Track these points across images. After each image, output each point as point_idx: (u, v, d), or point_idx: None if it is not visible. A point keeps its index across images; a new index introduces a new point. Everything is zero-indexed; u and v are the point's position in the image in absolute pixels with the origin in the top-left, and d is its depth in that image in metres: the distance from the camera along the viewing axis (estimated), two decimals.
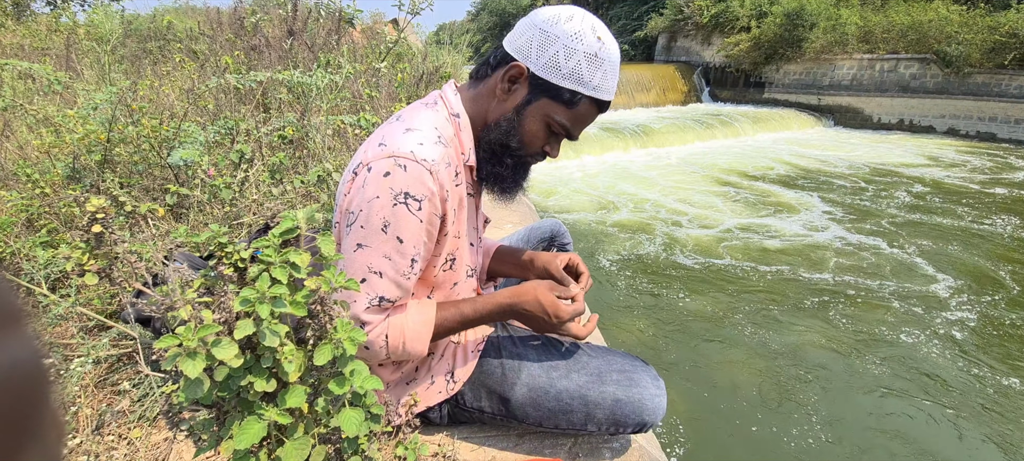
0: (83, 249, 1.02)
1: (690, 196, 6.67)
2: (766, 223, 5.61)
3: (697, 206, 6.24)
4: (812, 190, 7.00)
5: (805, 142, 10.65)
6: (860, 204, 6.32)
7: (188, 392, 0.65)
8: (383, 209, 0.84)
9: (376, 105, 3.01)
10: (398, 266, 0.87)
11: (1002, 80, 10.61)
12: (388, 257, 0.86)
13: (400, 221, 0.85)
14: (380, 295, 0.87)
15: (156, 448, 1.11)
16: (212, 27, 4.37)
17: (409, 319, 0.92)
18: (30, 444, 0.17)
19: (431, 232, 0.90)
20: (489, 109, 0.95)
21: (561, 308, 0.97)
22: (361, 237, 0.85)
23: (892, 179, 7.56)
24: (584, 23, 0.88)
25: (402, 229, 0.85)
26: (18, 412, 0.17)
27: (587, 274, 1.12)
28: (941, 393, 2.78)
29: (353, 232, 0.86)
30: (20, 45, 3.97)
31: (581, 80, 0.88)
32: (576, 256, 1.14)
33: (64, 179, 1.84)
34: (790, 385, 2.83)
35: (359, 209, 0.85)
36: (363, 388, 0.76)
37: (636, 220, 5.72)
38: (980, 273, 4.29)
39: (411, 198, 0.84)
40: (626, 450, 1.16)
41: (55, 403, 0.19)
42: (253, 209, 1.88)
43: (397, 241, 0.85)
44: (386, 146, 0.86)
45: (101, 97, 1.89)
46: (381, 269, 0.86)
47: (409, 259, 0.88)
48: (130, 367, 1.26)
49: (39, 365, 0.18)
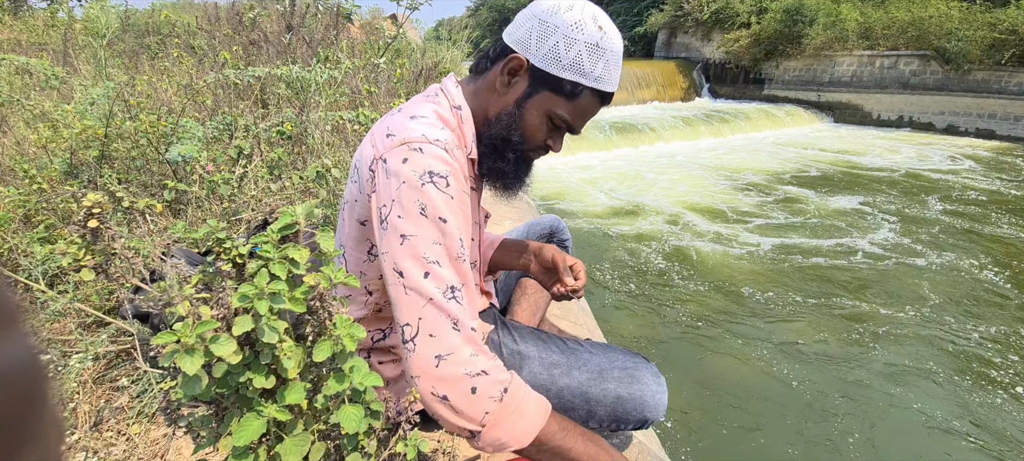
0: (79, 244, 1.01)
1: (690, 193, 6.67)
2: (767, 220, 5.61)
3: (697, 203, 6.24)
4: (813, 187, 7.00)
5: (805, 139, 10.65)
6: (864, 202, 6.32)
7: (186, 388, 0.65)
8: (413, 192, 0.78)
9: (375, 101, 3.00)
10: (450, 250, 0.79)
11: (1002, 77, 10.60)
12: (438, 243, 0.78)
13: (434, 200, 0.78)
14: (450, 284, 0.78)
15: (155, 444, 1.11)
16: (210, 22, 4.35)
17: (530, 395, 0.81)
18: (29, 444, 0.17)
19: (465, 211, 0.83)
20: (489, 103, 0.93)
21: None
22: (403, 228, 0.78)
23: (895, 177, 7.57)
24: (585, 12, 0.85)
25: (440, 208, 0.79)
26: (17, 412, 0.17)
27: (585, 279, 1.11)
28: (941, 392, 2.79)
29: (391, 227, 0.79)
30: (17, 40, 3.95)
31: (582, 71, 0.86)
32: (580, 263, 1.12)
33: (61, 175, 1.83)
34: (791, 382, 2.83)
35: (391, 199, 0.79)
36: (363, 385, 0.76)
37: (635, 217, 5.72)
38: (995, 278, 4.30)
39: (436, 176, 0.79)
40: (626, 446, 1.16)
41: (54, 402, 0.19)
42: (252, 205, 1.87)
43: (440, 222, 0.78)
44: (395, 136, 0.83)
45: (98, 92, 1.88)
46: (437, 257, 0.78)
47: (457, 240, 0.80)
48: (128, 363, 1.25)
49: (37, 365, 0.18)
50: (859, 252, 4.65)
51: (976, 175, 7.62)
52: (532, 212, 3.21)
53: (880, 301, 3.72)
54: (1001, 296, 3.83)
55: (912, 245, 4.83)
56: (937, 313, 3.56)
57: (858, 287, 3.95)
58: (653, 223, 5.50)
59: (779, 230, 5.27)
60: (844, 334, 3.28)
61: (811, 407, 2.63)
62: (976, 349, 3.15)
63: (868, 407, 2.64)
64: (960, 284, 4.02)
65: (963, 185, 7.07)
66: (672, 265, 4.41)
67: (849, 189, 6.87)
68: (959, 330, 3.36)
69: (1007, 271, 4.25)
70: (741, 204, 6.19)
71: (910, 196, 6.55)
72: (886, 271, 4.25)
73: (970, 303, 3.72)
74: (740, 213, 5.84)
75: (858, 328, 3.35)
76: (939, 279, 4.11)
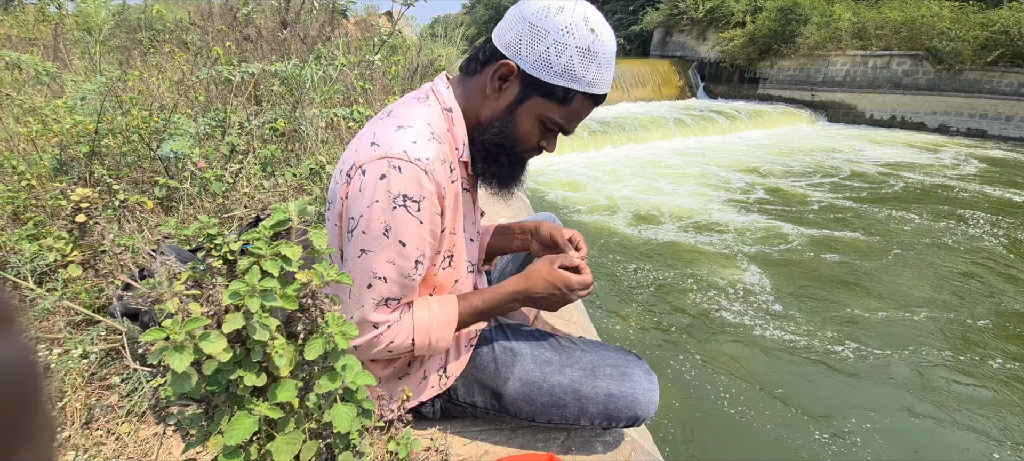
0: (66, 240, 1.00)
1: (682, 193, 6.69)
2: (761, 219, 5.64)
3: (690, 203, 6.26)
4: (809, 186, 7.04)
5: (798, 137, 10.70)
6: (859, 200, 6.36)
7: (176, 386, 0.64)
8: (383, 214, 0.83)
9: (370, 98, 2.98)
10: (402, 269, 0.87)
11: (993, 77, 10.69)
12: (392, 262, 0.86)
13: (400, 224, 0.84)
14: (386, 297, 0.88)
15: (144, 443, 1.10)
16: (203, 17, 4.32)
17: (433, 317, 0.94)
18: (23, 445, 0.17)
19: (434, 231, 0.89)
20: (481, 106, 0.92)
21: (569, 279, 0.97)
22: (363, 243, 0.85)
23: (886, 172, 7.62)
24: (576, 14, 0.83)
25: (404, 232, 0.85)
26: (11, 412, 0.17)
27: (586, 250, 1.12)
28: (939, 393, 2.81)
29: (355, 239, 0.86)
30: (7, 35, 3.90)
31: (574, 77, 0.84)
32: (578, 234, 1.13)
33: (51, 171, 1.81)
34: (783, 381, 2.85)
35: (359, 215, 0.84)
36: (355, 383, 0.75)
37: (629, 216, 5.73)
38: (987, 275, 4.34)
39: (410, 200, 0.83)
40: (619, 444, 1.16)
41: (47, 403, 0.19)
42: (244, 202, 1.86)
43: (400, 245, 0.85)
44: (379, 146, 0.84)
45: (89, 87, 1.86)
46: (386, 274, 0.87)
47: (413, 261, 0.88)
48: (118, 361, 1.24)
49: (32, 365, 0.18)
50: (855, 252, 4.69)
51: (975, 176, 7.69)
52: (527, 209, 3.21)
53: (874, 300, 3.75)
54: (994, 290, 3.87)
55: (904, 244, 4.87)
56: (932, 313, 3.60)
57: (852, 286, 3.98)
58: (645, 221, 5.52)
59: (774, 230, 5.29)
60: (837, 333, 3.31)
61: (804, 405, 2.65)
62: (970, 349, 3.18)
63: (865, 407, 2.66)
64: (951, 284, 4.06)
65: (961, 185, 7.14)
66: (665, 264, 4.43)
67: (851, 189, 6.92)
68: (951, 330, 3.39)
69: (996, 270, 4.29)
70: (736, 204, 6.21)
71: (906, 197, 6.60)
72: (880, 269, 4.28)
73: (961, 303, 3.75)
74: (734, 213, 5.86)
75: (850, 326, 3.38)
76: (933, 278, 4.14)
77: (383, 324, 0.90)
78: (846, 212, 5.87)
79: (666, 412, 2.59)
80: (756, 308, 3.62)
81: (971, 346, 3.19)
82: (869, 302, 3.71)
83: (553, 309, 1.03)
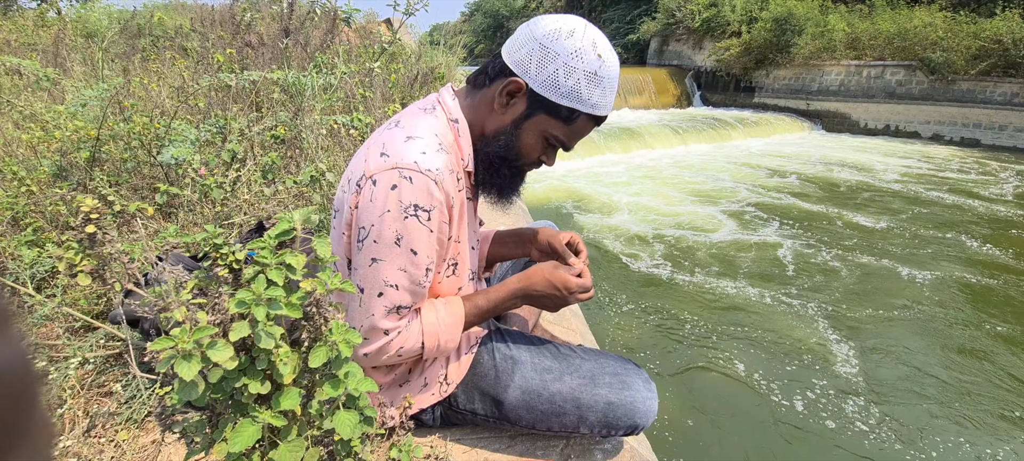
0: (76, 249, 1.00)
1: (680, 200, 6.72)
2: (757, 229, 5.67)
3: (688, 211, 6.29)
4: (807, 195, 7.08)
5: (794, 145, 10.78)
6: (856, 208, 6.41)
7: (182, 394, 0.65)
8: (394, 223, 0.85)
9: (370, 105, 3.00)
10: (413, 277, 0.89)
11: (986, 87, 10.82)
12: (404, 270, 0.88)
13: (412, 233, 0.86)
14: (397, 304, 0.90)
15: (144, 451, 1.10)
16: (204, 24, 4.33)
17: (441, 320, 0.97)
18: (20, 445, 0.18)
19: (442, 240, 0.92)
20: (487, 120, 0.95)
21: (570, 281, 1.01)
22: (375, 252, 0.87)
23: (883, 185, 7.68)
24: (585, 39, 0.86)
25: (415, 241, 0.87)
26: (8, 413, 0.17)
27: (585, 252, 1.16)
28: (938, 397, 2.83)
29: (366, 247, 0.87)
30: (7, 41, 3.90)
31: (580, 99, 0.88)
32: (576, 235, 1.18)
33: (51, 177, 1.82)
34: (781, 388, 2.86)
35: (370, 224, 0.86)
36: (357, 390, 0.76)
37: (626, 225, 5.75)
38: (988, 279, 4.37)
39: (421, 209, 0.85)
40: (618, 452, 1.17)
41: (44, 405, 0.19)
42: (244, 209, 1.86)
43: (411, 253, 0.87)
44: (389, 157, 0.85)
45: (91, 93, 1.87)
46: (397, 282, 0.89)
47: (424, 269, 0.90)
48: (118, 368, 1.24)
49: (28, 366, 0.18)
50: (851, 257, 4.71)
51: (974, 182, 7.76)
52: (526, 217, 3.22)
53: (874, 306, 3.77)
54: (1000, 297, 3.90)
55: (902, 250, 4.90)
56: (931, 318, 3.62)
57: (852, 292, 4.00)
58: (642, 230, 5.54)
59: (772, 237, 5.32)
60: (836, 341, 3.32)
61: (804, 415, 2.66)
62: (970, 353, 3.20)
63: (861, 416, 2.67)
64: (947, 289, 4.09)
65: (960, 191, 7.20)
66: (662, 273, 4.44)
67: (845, 200, 6.96)
68: (951, 333, 3.41)
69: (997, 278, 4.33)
70: (732, 213, 6.24)
71: (901, 205, 6.65)
72: (880, 276, 4.30)
73: (957, 308, 3.78)
74: (731, 221, 5.89)
75: (851, 334, 3.40)
76: (928, 286, 4.17)
77: (393, 331, 0.92)
78: (844, 220, 5.91)
79: (664, 421, 2.59)
80: (755, 316, 3.63)
81: (971, 350, 3.21)
82: (870, 309, 3.73)
83: (552, 309, 1.06)
